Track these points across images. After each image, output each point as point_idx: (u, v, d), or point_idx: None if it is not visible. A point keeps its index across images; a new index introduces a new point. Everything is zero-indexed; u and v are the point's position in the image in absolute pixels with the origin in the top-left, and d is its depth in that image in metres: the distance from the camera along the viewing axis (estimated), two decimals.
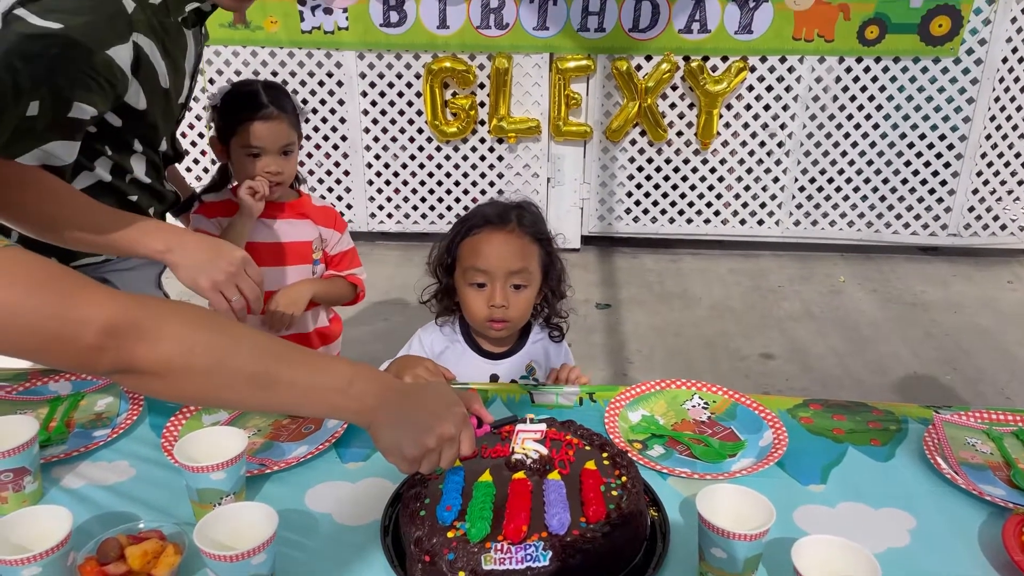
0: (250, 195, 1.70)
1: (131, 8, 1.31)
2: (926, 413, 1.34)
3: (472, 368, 1.55)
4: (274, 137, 1.71)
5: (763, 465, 1.20)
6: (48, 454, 1.21)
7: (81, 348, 0.83)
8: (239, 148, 1.72)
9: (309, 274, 1.86)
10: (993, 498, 1.13)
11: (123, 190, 1.48)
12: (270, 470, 1.19)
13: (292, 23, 3.92)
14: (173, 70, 1.44)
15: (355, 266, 1.93)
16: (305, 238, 1.85)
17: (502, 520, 0.97)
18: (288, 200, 1.84)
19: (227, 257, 1.36)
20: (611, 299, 3.87)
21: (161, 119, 1.48)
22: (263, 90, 1.72)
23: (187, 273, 1.34)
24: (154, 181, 1.55)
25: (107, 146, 1.42)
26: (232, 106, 1.72)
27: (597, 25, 3.88)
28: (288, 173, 1.77)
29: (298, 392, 0.93)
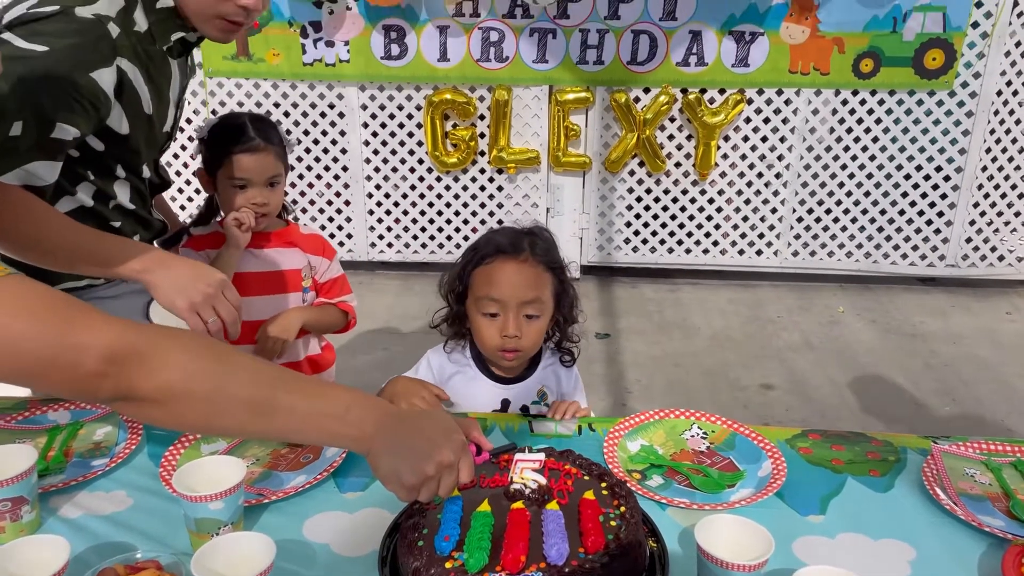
0: (236, 226, 1.71)
1: (116, 33, 1.33)
2: (925, 444, 1.34)
3: (484, 393, 1.55)
4: (260, 169, 1.73)
5: (762, 495, 1.20)
6: (46, 483, 1.21)
7: (82, 375, 0.84)
8: (225, 179, 1.74)
9: (300, 302, 1.86)
10: (992, 529, 1.13)
11: (105, 216, 1.49)
12: (268, 500, 1.19)
13: (294, 56, 3.97)
14: (157, 97, 1.47)
15: (345, 293, 1.93)
16: (294, 266, 1.86)
17: (500, 550, 0.97)
18: (275, 229, 1.86)
19: (206, 279, 1.37)
20: (610, 329, 3.87)
21: (144, 145, 1.50)
22: (249, 122, 1.74)
23: (165, 294, 1.35)
24: (139, 208, 1.57)
25: (89, 171, 1.44)
26: (219, 138, 1.74)
27: (596, 58, 3.93)
28: (274, 204, 1.78)
29: (296, 418, 0.94)
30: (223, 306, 1.38)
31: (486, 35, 3.90)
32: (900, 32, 3.76)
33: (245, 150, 1.71)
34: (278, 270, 1.84)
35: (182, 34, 1.46)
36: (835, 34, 3.79)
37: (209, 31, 1.44)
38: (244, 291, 1.77)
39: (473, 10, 3.85)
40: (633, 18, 3.84)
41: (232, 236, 1.72)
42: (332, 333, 1.97)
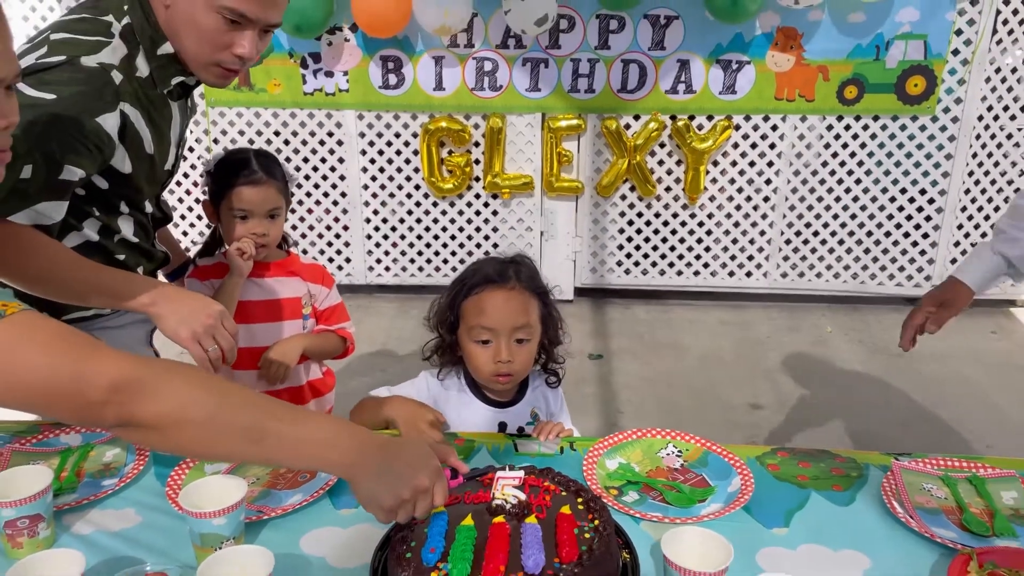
0: (239, 255, 1.80)
1: (119, 80, 1.42)
2: (886, 460, 1.42)
3: (481, 417, 1.63)
4: (261, 201, 1.82)
5: (730, 509, 1.28)
6: (60, 502, 1.28)
7: (88, 403, 0.92)
8: (228, 210, 1.83)
9: (300, 329, 1.95)
10: (944, 540, 1.21)
11: (110, 249, 1.58)
12: (267, 516, 1.26)
13: (295, 85, 4.09)
14: (158, 138, 1.55)
15: (344, 320, 2.02)
16: (295, 294, 1.95)
17: (482, 561, 1.05)
18: (277, 259, 1.95)
19: (206, 310, 1.47)
20: (603, 350, 3.95)
21: (146, 183, 1.59)
22: (253, 157, 1.84)
23: (170, 325, 1.45)
24: (142, 241, 1.65)
25: (95, 208, 1.53)
26: (224, 170, 1.84)
27: (587, 86, 4.04)
28: (274, 235, 1.87)
29: (284, 445, 1.02)
30: (222, 335, 1.47)
31: (480, 65, 4.01)
32: (883, 60, 3.88)
33: (248, 183, 1.80)
34: (279, 298, 1.93)
35: (182, 78, 1.54)
36: (820, 62, 3.90)
37: (206, 77, 1.52)
38: (247, 319, 1.86)
39: (467, 40, 3.97)
40: (623, 48, 3.96)
41: (235, 265, 1.81)
42: (331, 359, 2.05)
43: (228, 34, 1.43)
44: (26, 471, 1.23)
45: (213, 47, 1.44)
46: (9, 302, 0.93)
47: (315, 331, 1.98)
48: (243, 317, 1.87)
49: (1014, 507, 1.30)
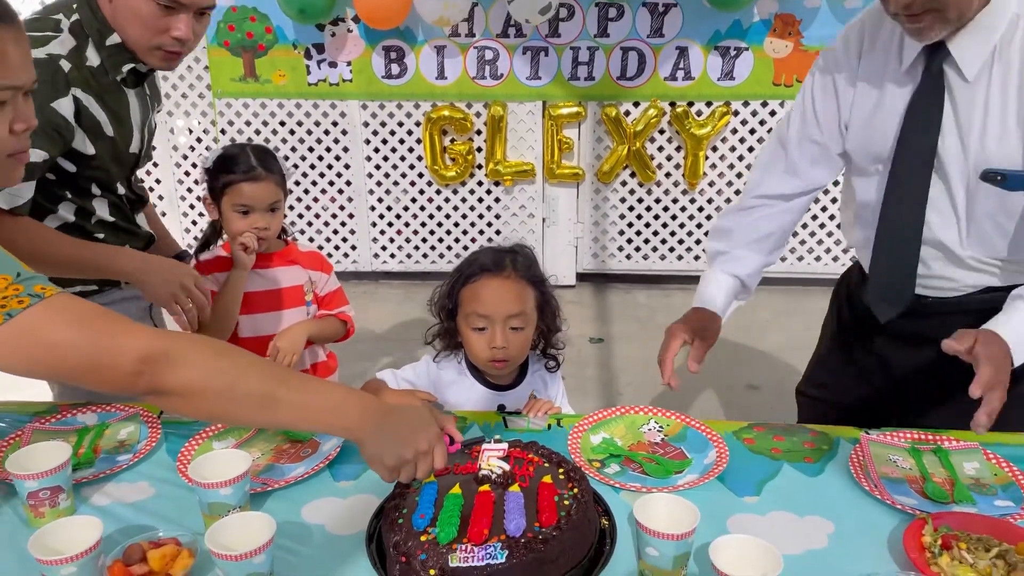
0: (242, 250, 1.88)
1: (67, 68, 1.57)
2: (855, 433, 1.50)
3: (481, 400, 1.70)
4: (262, 196, 1.89)
5: (704, 480, 1.36)
6: (78, 476, 1.37)
7: (122, 374, 1.02)
8: (229, 206, 1.90)
9: (303, 315, 2.03)
10: (904, 507, 1.28)
11: (88, 229, 1.72)
12: (271, 488, 1.35)
13: (299, 76, 4.16)
14: (116, 121, 1.68)
15: (343, 304, 2.10)
16: (296, 282, 2.03)
17: (467, 526, 1.13)
18: (277, 249, 2.02)
19: (183, 274, 1.67)
20: (604, 334, 4.03)
21: (113, 164, 1.70)
22: (252, 153, 1.91)
23: (152, 289, 1.65)
24: (120, 220, 1.78)
25: (67, 191, 1.67)
26: (223, 168, 1.90)
27: (587, 74, 4.10)
28: (274, 228, 1.94)
29: (296, 410, 1.11)
30: (196, 296, 1.67)
31: (481, 54, 4.08)
32: None
33: (248, 179, 1.87)
34: (282, 287, 2.01)
35: (132, 65, 1.67)
36: (818, 48, 3.93)
37: (152, 61, 1.65)
38: (252, 309, 1.96)
39: (468, 30, 4.03)
40: (622, 35, 4.02)
41: (239, 259, 1.89)
42: (333, 342, 2.14)
43: (164, 19, 1.57)
44: (46, 446, 1.32)
45: (152, 32, 1.59)
46: (47, 286, 1.02)
47: (317, 316, 2.06)
48: (249, 308, 1.96)
49: (975, 477, 1.38)
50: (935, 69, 1.44)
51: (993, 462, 1.41)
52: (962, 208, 1.49)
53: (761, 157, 1.76)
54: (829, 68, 1.59)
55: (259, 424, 1.38)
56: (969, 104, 1.43)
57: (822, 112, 1.60)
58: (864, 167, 1.59)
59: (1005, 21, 1.38)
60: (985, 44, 1.39)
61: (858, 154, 1.59)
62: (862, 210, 1.63)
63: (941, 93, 1.44)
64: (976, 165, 1.44)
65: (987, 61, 1.40)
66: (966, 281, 1.56)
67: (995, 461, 1.41)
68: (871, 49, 1.54)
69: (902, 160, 1.51)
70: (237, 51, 4.12)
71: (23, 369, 1.06)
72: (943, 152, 1.46)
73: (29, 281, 1.01)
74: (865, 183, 1.60)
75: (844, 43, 1.58)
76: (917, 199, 1.51)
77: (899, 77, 1.50)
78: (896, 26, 1.47)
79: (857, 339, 1.76)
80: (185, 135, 4.40)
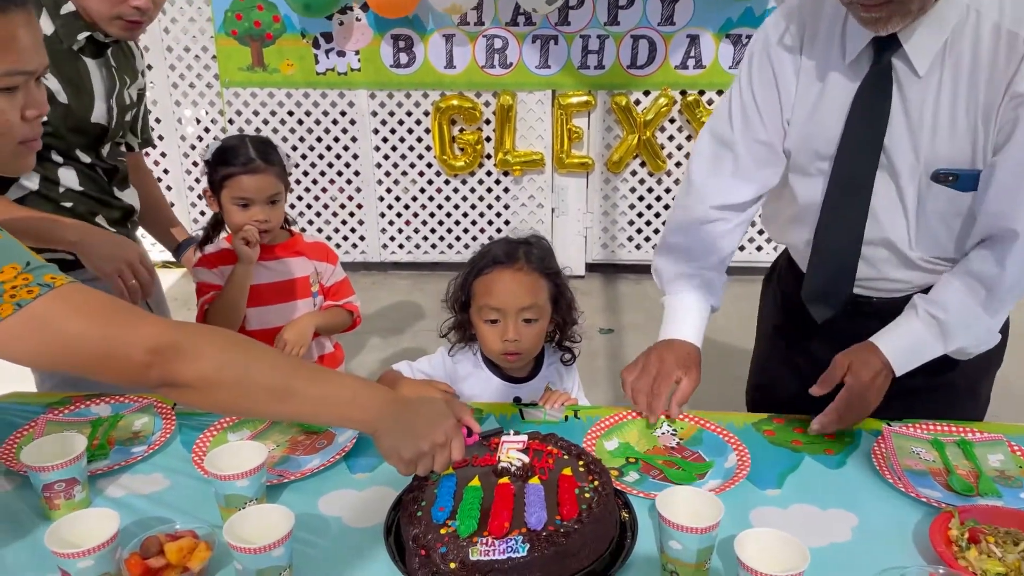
0: (244, 244, 1.86)
1: None
2: (877, 425, 1.48)
3: (496, 392, 1.69)
4: (261, 188, 1.86)
5: (730, 485, 1.32)
6: (92, 468, 1.36)
7: (134, 365, 1.00)
8: (229, 199, 1.87)
9: (311, 306, 2.01)
10: (929, 499, 1.26)
11: (55, 198, 1.71)
12: (287, 480, 1.34)
13: (307, 65, 4.14)
14: (72, 90, 1.66)
15: (349, 294, 2.08)
16: (303, 273, 2.01)
17: (488, 519, 1.12)
18: (282, 241, 2.00)
19: (127, 250, 1.65)
20: (614, 324, 4.01)
21: (69, 132, 1.69)
22: (251, 144, 1.88)
23: (94, 261, 1.61)
24: (90, 190, 1.76)
25: None
26: (221, 160, 1.87)
27: (597, 63, 4.07)
28: (275, 220, 1.91)
29: (311, 403, 1.09)
30: (141, 272, 1.65)
31: (490, 43, 4.05)
32: None
33: (246, 171, 1.84)
34: (289, 279, 1.99)
35: (88, 33, 1.67)
36: None
37: (113, 31, 1.66)
38: (260, 301, 1.94)
39: (477, 19, 4.00)
40: (632, 23, 3.98)
41: (242, 253, 1.86)
42: (340, 333, 2.12)
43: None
44: (61, 438, 1.30)
45: (111, 2, 1.60)
46: (57, 275, 1.01)
47: (323, 307, 2.04)
48: (256, 300, 1.94)
49: (1000, 469, 1.36)
50: (883, 62, 1.35)
51: (1018, 454, 1.39)
52: (912, 208, 1.43)
53: (700, 160, 1.60)
54: (768, 59, 1.48)
55: (274, 416, 1.37)
56: (920, 100, 1.35)
57: (764, 108, 1.49)
58: (805, 166, 1.50)
59: (957, 12, 1.31)
60: (938, 36, 1.31)
61: (799, 152, 1.50)
62: (804, 212, 1.53)
63: (889, 88, 1.36)
64: (927, 164, 1.38)
65: (939, 54, 1.32)
66: (915, 282, 1.50)
67: (1020, 453, 1.39)
68: (812, 39, 1.43)
69: (846, 159, 1.43)
70: (245, 40, 4.09)
71: (32, 360, 1.04)
72: (892, 150, 1.39)
73: (39, 270, 1.00)
74: (807, 183, 1.51)
75: (782, 32, 1.47)
76: (861, 199, 1.44)
77: (843, 70, 1.40)
78: (837, 14, 1.39)
79: (796, 341, 1.69)
80: (193, 125, 4.38)
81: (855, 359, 1.42)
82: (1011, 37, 1.28)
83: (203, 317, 1.91)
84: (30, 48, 1.06)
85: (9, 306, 0.96)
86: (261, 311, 1.97)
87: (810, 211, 1.52)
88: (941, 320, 1.42)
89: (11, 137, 1.09)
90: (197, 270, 1.96)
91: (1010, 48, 1.28)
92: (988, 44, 1.30)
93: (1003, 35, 1.29)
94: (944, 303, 1.42)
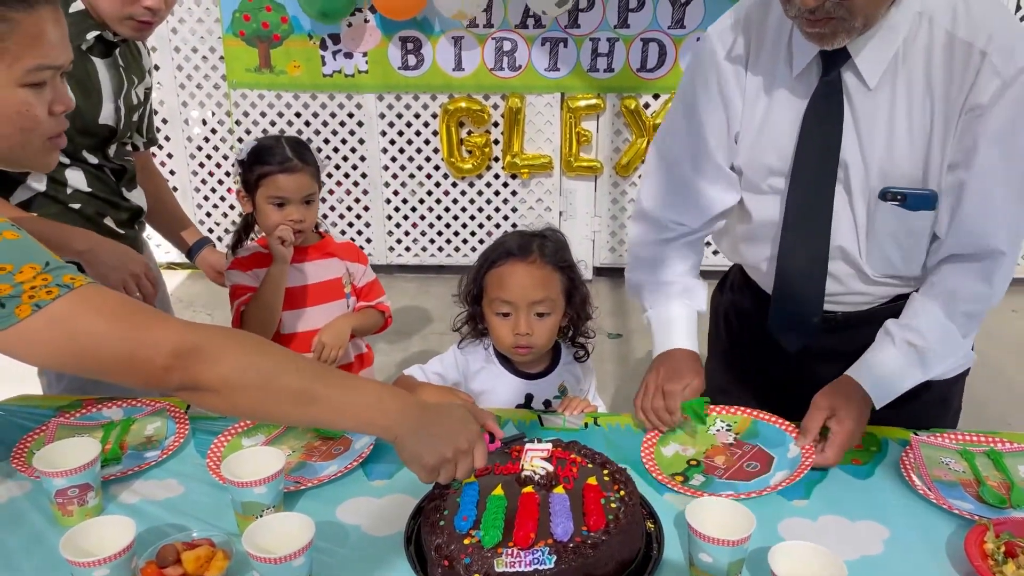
0: (279, 243, 1.84)
1: None
2: (905, 435, 1.45)
3: (509, 388, 1.66)
4: (297, 187, 1.85)
5: (799, 475, 1.29)
6: (105, 473, 1.33)
7: (154, 368, 0.98)
8: (264, 199, 1.86)
9: (346, 308, 2.00)
10: (961, 511, 1.24)
11: (63, 200, 1.70)
12: (304, 487, 1.31)
13: (314, 67, 4.11)
14: (80, 90, 1.64)
15: (381, 294, 2.07)
16: (335, 275, 2.00)
17: (512, 529, 1.09)
18: (313, 243, 1.99)
19: (134, 260, 1.66)
20: (622, 329, 3.98)
21: (76, 133, 1.65)
22: (287, 144, 1.87)
23: (101, 271, 1.60)
24: (99, 191, 1.75)
25: None
26: (257, 159, 1.86)
27: (606, 66, 4.04)
28: (309, 221, 1.91)
29: (333, 408, 1.07)
30: (144, 284, 1.65)
31: (499, 45, 4.02)
32: None
33: (283, 170, 1.84)
34: (323, 281, 1.98)
35: (97, 32, 1.65)
36: None
37: (123, 31, 1.65)
38: (295, 304, 1.94)
39: (487, 20, 3.97)
40: (642, 26, 3.96)
41: (278, 253, 1.85)
42: (373, 334, 2.10)
43: None
44: (73, 443, 1.28)
45: (123, 2, 1.58)
46: (76, 276, 0.98)
47: (356, 308, 2.03)
48: (290, 303, 1.93)
49: None
50: (832, 75, 1.30)
51: None
52: (863, 225, 1.39)
53: (648, 183, 1.56)
54: (713, 74, 1.41)
55: (295, 421, 1.34)
56: (871, 114, 1.30)
57: (710, 124, 1.43)
58: (757, 183, 1.44)
59: (908, 20, 1.25)
60: (888, 47, 1.26)
61: (750, 169, 1.44)
62: (759, 229, 1.48)
63: (840, 102, 1.31)
64: (878, 181, 1.33)
65: (890, 65, 1.27)
66: (878, 294, 1.47)
67: None
68: (757, 52, 1.38)
69: (802, 178, 1.37)
70: (252, 41, 4.07)
71: (51, 362, 1.02)
72: (846, 166, 1.34)
73: (58, 271, 0.97)
74: (760, 200, 1.45)
75: (726, 45, 1.40)
76: (822, 220, 1.39)
77: (791, 83, 1.35)
78: (783, 26, 1.33)
79: (754, 363, 1.64)
80: (200, 126, 4.36)
81: (837, 404, 1.36)
82: (965, 47, 1.23)
83: (239, 320, 1.89)
84: (58, 43, 1.05)
85: (28, 307, 0.93)
86: (296, 314, 1.95)
87: (765, 229, 1.47)
88: (919, 347, 1.37)
89: (40, 133, 1.07)
90: (230, 273, 1.94)
91: (965, 59, 1.23)
92: (941, 54, 1.25)
93: (957, 44, 1.24)
94: (921, 329, 1.37)
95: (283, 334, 1.95)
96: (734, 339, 1.73)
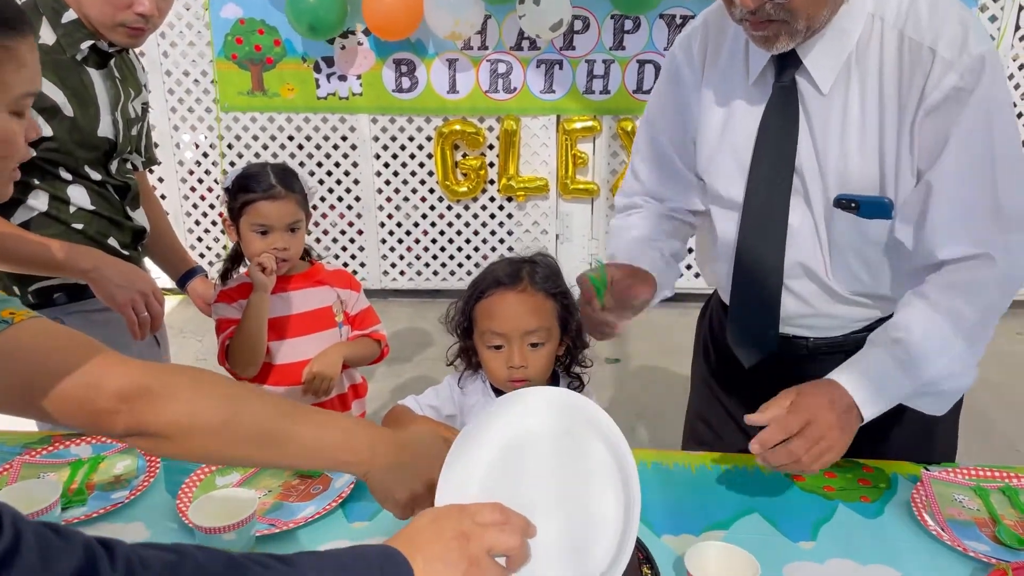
0: (260, 271, 1.78)
1: None
2: (915, 470, 1.38)
3: None
4: (281, 215, 1.80)
5: None
6: (69, 515, 1.26)
7: (96, 411, 0.91)
8: (248, 226, 1.81)
9: (337, 337, 1.93)
10: (977, 554, 1.16)
11: (65, 219, 1.64)
12: (279, 529, 1.24)
13: (308, 90, 4.08)
14: (78, 102, 1.60)
15: (376, 323, 2.01)
16: (325, 303, 1.93)
17: None
18: (302, 271, 1.93)
19: (140, 280, 1.62)
20: (620, 353, 3.91)
21: (76, 147, 1.62)
22: (271, 171, 1.82)
23: (108, 290, 1.57)
24: (103, 210, 1.69)
25: (34, 178, 1.59)
26: (242, 187, 1.81)
27: (602, 88, 4.01)
28: (295, 249, 1.85)
29: (298, 448, 0.99)
30: (151, 304, 1.61)
31: (494, 67, 3.99)
32: None
33: (266, 197, 1.78)
34: (312, 309, 1.91)
35: (91, 41, 1.61)
36: None
37: (116, 38, 1.61)
38: (282, 334, 1.86)
39: (481, 43, 3.94)
40: (638, 48, 3.93)
41: (257, 281, 1.79)
42: (368, 364, 2.03)
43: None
44: (35, 485, 1.22)
45: (114, 8, 1.55)
46: (17, 310, 0.92)
47: (351, 338, 1.96)
48: (279, 333, 1.87)
49: None
50: (786, 80, 1.27)
51: None
52: (824, 236, 1.33)
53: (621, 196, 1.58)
54: (675, 81, 1.40)
55: (260, 464, 1.27)
56: (824, 119, 1.26)
57: (673, 134, 1.42)
58: (719, 193, 1.40)
59: (860, 23, 1.22)
60: (840, 51, 1.22)
61: (712, 178, 1.40)
62: (723, 245, 1.44)
63: (795, 108, 1.27)
64: (834, 188, 1.28)
65: (843, 69, 1.23)
66: (851, 316, 1.39)
67: None
68: (715, 58, 1.36)
69: (757, 188, 1.33)
70: (245, 64, 4.04)
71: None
72: (804, 174, 1.29)
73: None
74: (723, 214, 1.41)
75: (687, 51, 1.39)
76: (777, 230, 1.33)
77: (748, 91, 1.32)
78: (740, 31, 1.30)
79: (730, 389, 1.59)
80: (191, 150, 4.31)
81: (804, 386, 1.25)
82: (914, 46, 1.19)
83: (224, 354, 1.83)
84: (35, 71, 1.00)
85: None
86: (285, 344, 1.88)
87: (728, 244, 1.42)
88: (903, 340, 1.24)
89: (15, 160, 1.01)
90: (216, 306, 1.88)
91: (916, 59, 1.19)
92: (893, 55, 1.21)
93: (907, 44, 1.20)
94: (903, 323, 1.26)
95: (273, 365, 1.88)
96: (708, 370, 1.67)
